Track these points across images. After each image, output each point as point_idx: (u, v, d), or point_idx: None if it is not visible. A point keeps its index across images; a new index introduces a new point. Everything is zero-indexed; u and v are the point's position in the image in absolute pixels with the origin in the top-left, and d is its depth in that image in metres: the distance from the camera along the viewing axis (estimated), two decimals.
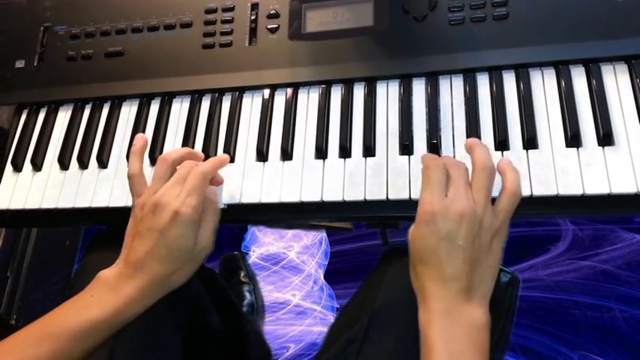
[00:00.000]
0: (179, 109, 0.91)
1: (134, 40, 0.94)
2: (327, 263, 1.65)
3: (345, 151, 0.80)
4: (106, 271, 0.72)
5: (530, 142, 0.74)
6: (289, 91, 0.87)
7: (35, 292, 1.45)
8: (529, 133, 0.74)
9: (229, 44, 0.90)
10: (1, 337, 0.69)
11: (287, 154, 0.82)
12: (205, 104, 0.90)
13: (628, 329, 1.37)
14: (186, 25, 0.93)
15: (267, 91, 0.88)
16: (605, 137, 0.71)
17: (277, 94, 0.88)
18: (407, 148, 0.78)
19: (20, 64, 0.97)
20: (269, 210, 0.81)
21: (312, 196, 0.79)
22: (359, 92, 0.84)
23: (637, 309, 1.39)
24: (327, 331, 0.87)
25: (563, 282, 1.46)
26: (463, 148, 0.76)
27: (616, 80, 0.75)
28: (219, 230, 0.76)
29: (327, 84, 0.86)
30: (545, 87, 0.77)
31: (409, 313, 0.70)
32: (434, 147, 0.77)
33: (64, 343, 0.67)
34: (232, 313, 1.07)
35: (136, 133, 0.89)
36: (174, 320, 0.82)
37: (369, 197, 0.76)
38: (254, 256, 1.67)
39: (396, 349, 0.73)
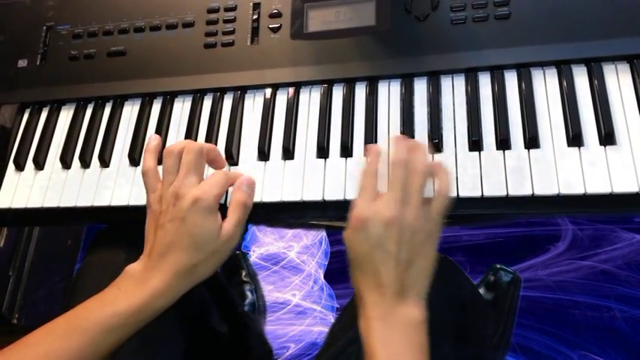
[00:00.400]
0: (181, 109, 0.91)
1: (136, 39, 0.95)
2: (327, 263, 1.65)
3: (346, 151, 0.81)
4: (132, 265, 0.72)
5: (531, 141, 0.74)
6: (291, 90, 0.87)
7: (37, 290, 1.45)
8: (531, 133, 0.74)
9: (231, 44, 0.90)
10: (4, 336, 0.70)
11: (289, 154, 0.83)
12: (207, 103, 0.90)
13: (628, 329, 1.37)
14: (188, 24, 0.93)
15: (269, 91, 0.88)
16: (607, 137, 0.71)
17: (279, 93, 0.88)
18: None
19: (23, 64, 0.98)
20: (270, 209, 0.81)
21: (313, 195, 0.79)
22: (361, 92, 0.85)
23: (637, 309, 1.39)
24: (327, 331, 0.87)
25: (563, 282, 1.46)
26: (464, 148, 0.76)
27: (618, 80, 0.75)
28: None
29: (329, 83, 0.86)
30: (546, 86, 0.77)
31: None
32: (435, 146, 0.77)
33: (91, 335, 0.67)
34: (234, 313, 1.07)
35: (138, 132, 0.90)
36: (175, 319, 0.83)
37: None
38: (254, 256, 1.67)
39: None
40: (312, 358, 1.48)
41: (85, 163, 0.89)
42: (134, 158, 0.88)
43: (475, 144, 0.76)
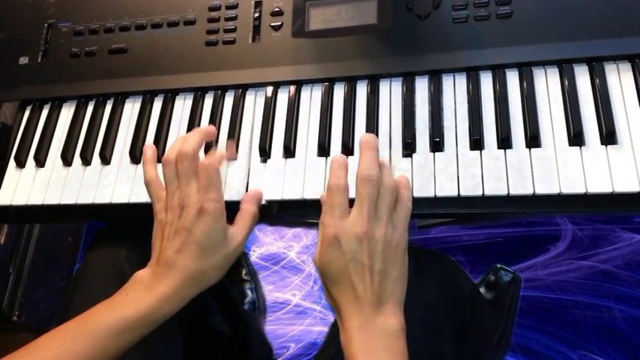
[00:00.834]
0: (182, 107, 0.91)
1: (137, 37, 0.95)
2: None
3: (347, 149, 0.80)
4: (141, 272, 0.73)
5: (533, 140, 0.74)
6: (292, 88, 0.87)
7: (37, 288, 1.45)
8: (532, 132, 0.74)
9: (232, 42, 0.90)
10: (4, 333, 0.70)
11: (289, 152, 0.83)
12: (208, 101, 0.90)
13: (628, 329, 1.37)
14: (189, 22, 0.93)
15: (270, 89, 0.88)
16: (608, 136, 0.71)
17: (280, 91, 0.88)
18: (409, 146, 0.78)
19: (24, 61, 0.98)
20: (271, 207, 0.81)
21: (314, 193, 0.79)
22: (362, 90, 0.84)
23: (636, 309, 1.39)
24: (327, 331, 0.87)
25: (563, 282, 1.46)
26: (466, 147, 0.76)
27: (620, 79, 0.75)
28: None
29: (330, 82, 0.86)
30: (548, 85, 0.77)
31: (410, 312, 0.70)
32: (436, 145, 0.77)
33: (100, 339, 0.68)
34: (234, 311, 1.07)
35: (139, 129, 0.90)
36: (176, 318, 0.82)
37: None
38: (254, 255, 1.67)
39: None
40: (312, 358, 1.48)
41: (86, 161, 0.89)
42: (135, 156, 0.88)
43: (476, 143, 0.76)
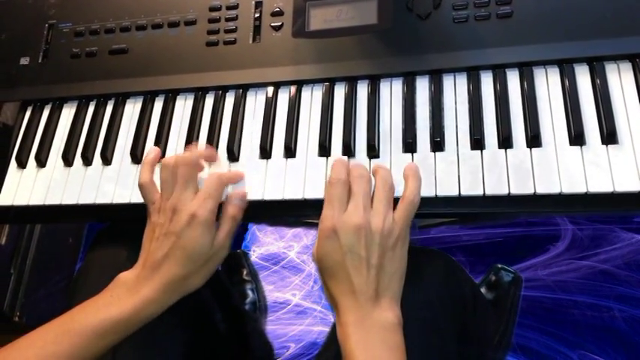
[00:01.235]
0: (183, 107, 0.91)
1: (138, 37, 0.95)
2: None
3: (348, 149, 0.81)
4: (125, 273, 0.74)
5: (533, 140, 0.74)
6: (293, 88, 0.87)
7: (38, 289, 1.45)
8: (533, 131, 0.74)
9: (233, 42, 0.90)
10: (5, 334, 0.70)
11: (290, 152, 0.83)
12: (209, 101, 0.90)
13: (627, 329, 1.37)
14: (190, 22, 0.93)
15: (270, 89, 0.88)
16: (609, 136, 0.71)
17: (281, 91, 0.88)
18: (410, 145, 0.78)
19: (25, 61, 0.98)
20: (272, 207, 0.81)
21: (315, 193, 0.79)
22: (362, 90, 0.85)
23: (636, 309, 1.39)
24: (328, 331, 0.87)
25: (563, 282, 1.46)
26: (466, 146, 0.76)
27: (620, 79, 0.75)
28: None
29: (331, 82, 0.86)
30: (549, 85, 0.77)
31: (411, 312, 0.70)
32: (437, 145, 0.77)
33: (82, 339, 0.68)
34: (235, 312, 1.07)
35: (140, 130, 0.90)
36: (176, 319, 0.83)
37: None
38: (254, 255, 1.67)
39: None
40: (312, 358, 1.48)
41: (87, 161, 0.90)
42: (136, 156, 0.88)
43: (477, 142, 0.76)
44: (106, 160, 0.89)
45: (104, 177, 0.88)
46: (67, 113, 0.95)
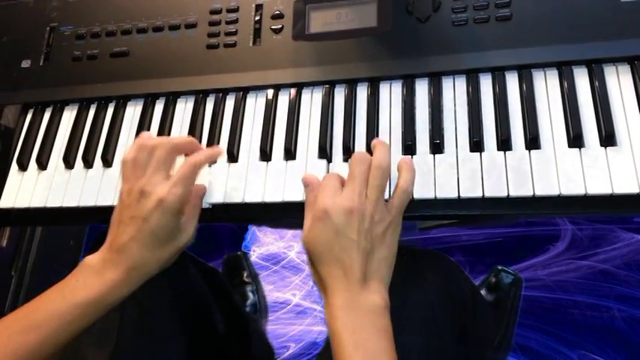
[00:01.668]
0: (183, 109, 0.91)
1: (139, 40, 0.95)
2: None
3: (348, 151, 0.81)
4: (90, 257, 0.73)
5: (532, 142, 0.74)
6: (293, 91, 0.87)
7: (39, 290, 1.44)
8: (531, 134, 0.74)
9: (233, 45, 0.91)
10: None
11: (290, 154, 0.83)
12: (209, 104, 0.90)
13: (627, 329, 1.38)
14: (190, 25, 0.93)
15: (270, 91, 0.88)
16: (608, 138, 0.71)
17: (281, 94, 0.88)
18: (410, 148, 0.78)
19: (26, 64, 0.98)
20: (272, 209, 0.81)
21: None
22: (362, 92, 0.85)
23: (636, 308, 1.40)
24: None
25: (563, 282, 1.46)
26: (465, 149, 0.76)
27: (619, 81, 0.75)
28: (220, 230, 0.77)
29: (331, 84, 0.86)
30: (547, 87, 0.78)
31: (411, 312, 0.71)
32: (436, 147, 0.77)
33: (51, 327, 0.67)
34: (236, 313, 1.07)
35: (141, 132, 0.90)
36: (177, 320, 0.83)
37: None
38: (254, 256, 1.67)
39: (400, 348, 0.73)
40: (312, 358, 1.48)
41: (87, 163, 0.90)
42: None
43: (476, 145, 0.76)
44: (107, 162, 0.89)
45: (105, 179, 0.88)
46: (68, 116, 0.95)
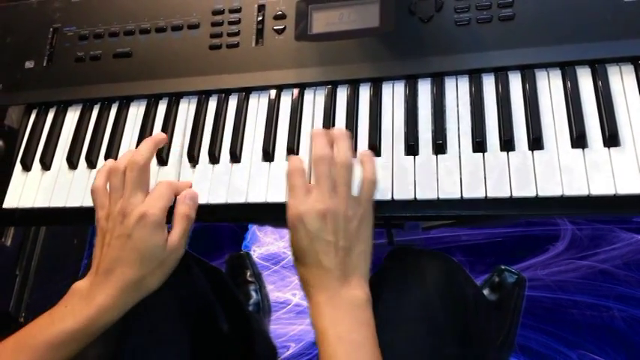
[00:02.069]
0: (186, 110, 0.91)
1: (142, 41, 0.95)
2: None
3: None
4: (79, 282, 0.73)
5: (535, 142, 0.74)
6: (295, 91, 0.88)
7: (43, 290, 1.45)
8: (535, 134, 0.74)
9: (236, 45, 0.91)
10: (10, 335, 0.70)
11: (293, 154, 0.83)
12: (212, 104, 0.90)
13: (627, 329, 1.38)
14: (193, 26, 0.93)
15: (273, 92, 0.88)
16: (611, 138, 0.72)
17: (283, 94, 0.88)
18: (412, 148, 0.78)
19: (30, 65, 0.98)
20: (275, 209, 0.81)
21: None
22: (365, 93, 0.85)
23: (636, 308, 1.40)
24: None
25: (562, 282, 1.47)
26: (468, 149, 0.77)
27: (622, 81, 0.75)
28: (220, 230, 0.77)
29: (333, 84, 0.86)
30: (550, 88, 0.78)
31: (412, 312, 0.71)
32: (439, 147, 0.77)
33: (40, 353, 0.68)
34: (239, 313, 1.07)
35: (144, 133, 0.90)
36: (181, 319, 0.83)
37: (374, 197, 0.77)
38: (254, 255, 1.67)
39: (403, 348, 0.73)
40: (312, 358, 1.48)
41: (91, 164, 0.90)
42: None
43: (479, 145, 0.76)
44: None
45: None
46: (72, 116, 0.96)
